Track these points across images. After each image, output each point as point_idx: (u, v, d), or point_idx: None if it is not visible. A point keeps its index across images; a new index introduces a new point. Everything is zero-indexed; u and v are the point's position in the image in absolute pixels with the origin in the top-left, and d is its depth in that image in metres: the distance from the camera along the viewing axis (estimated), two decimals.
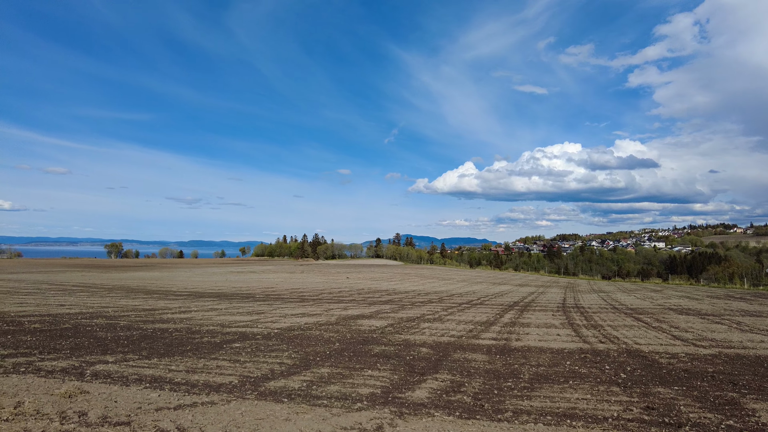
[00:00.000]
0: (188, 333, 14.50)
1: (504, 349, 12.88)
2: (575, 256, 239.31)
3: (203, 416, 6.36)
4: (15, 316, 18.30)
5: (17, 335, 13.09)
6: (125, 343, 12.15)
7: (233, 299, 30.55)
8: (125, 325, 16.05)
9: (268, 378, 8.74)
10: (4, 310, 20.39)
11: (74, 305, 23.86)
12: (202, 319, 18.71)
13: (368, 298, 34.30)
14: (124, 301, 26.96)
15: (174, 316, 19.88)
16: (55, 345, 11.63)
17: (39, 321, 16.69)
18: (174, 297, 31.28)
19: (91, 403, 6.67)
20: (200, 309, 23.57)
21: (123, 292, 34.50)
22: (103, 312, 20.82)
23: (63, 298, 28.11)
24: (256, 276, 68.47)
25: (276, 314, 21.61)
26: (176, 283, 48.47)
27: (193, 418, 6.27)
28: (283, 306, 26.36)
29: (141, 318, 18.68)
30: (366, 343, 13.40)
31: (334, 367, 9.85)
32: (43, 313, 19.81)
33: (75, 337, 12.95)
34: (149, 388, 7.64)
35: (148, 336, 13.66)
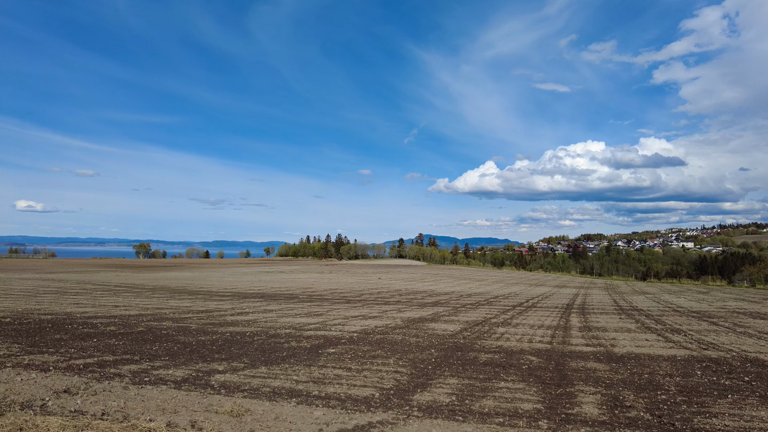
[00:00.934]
0: (268, 337, 13.92)
1: (612, 357, 11.94)
2: (601, 256, 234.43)
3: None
4: (82, 317, 18.06)
5: (101, 338, 12.68)
6: (216, 349, 11.58)
7: (279, 300, 30.12)
8: (197, 328, 15.59)
9: (407, 390, 7.99)
10: (67, 311, 20.23)
11: (129, 306, 23.67)
12: (266, 321, 18.18)
13: (413, 300, 33.52)
14: (173, 302, 26.73)
15: (235, 318, 19.42)
16: (150, 350, 11.14)
17: (109, 323, 16.36)
18: (219, 298, 31.00)
19: (271, 427, 6.04)
20: (255, 310, 23.11)
21: (167, 293, 34.43)
22: (162, 314, 20.49)
23: (113, 299, 28.04)
24: (286, 276, 68.35)
25: (335, 316, 20.99)
26: (213, 283, 48.47)
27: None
28: (334, 307, 25.77)
29: (205, 320, 18.24)
30: (461, 349, 12.61)
31: (459, 378, 9.09)
32: (105, 314, 19.56)
33: (160, 342, 12.48)
34: (303, 404, 6.92)
35: (232, 341, 13.12)
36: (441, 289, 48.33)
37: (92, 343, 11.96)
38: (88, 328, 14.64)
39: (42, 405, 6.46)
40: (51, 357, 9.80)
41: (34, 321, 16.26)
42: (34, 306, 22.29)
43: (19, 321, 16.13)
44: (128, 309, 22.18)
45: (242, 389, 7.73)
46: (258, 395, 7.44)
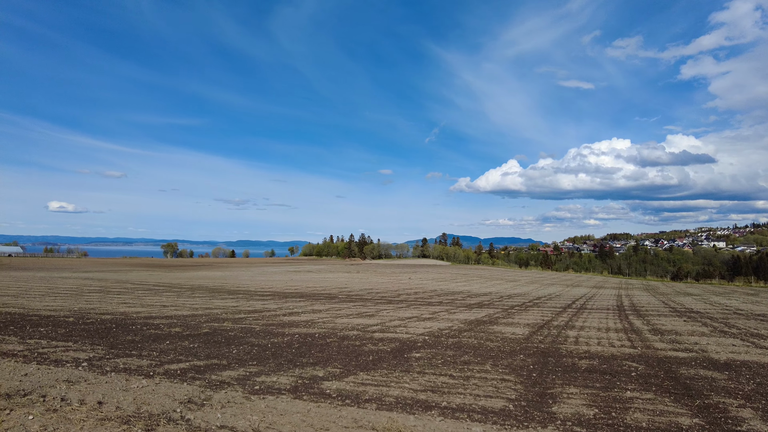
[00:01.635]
0: (339, 339, 13.39)
1: (716, 364, 11.01)
2: (629, 256, 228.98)
3: None
4: (139, 317, 17.88)
5: (174, 341, 12.34)
6: (297, 352, 11.03)
7: (320, 300, 29.71)
8: (261, 330, 15.17)
9: (538, 401, 7.15)
10: (120, 311, 20.13)
11: (177, 306, 23.53)
12: (324, 322, 17.68)
13: (455, 301, 32.76)
14: (218, 302, 26.55)
15: (290, 318, 18.99)
16: (231, 354, 10.67)
17: (171, 324, 16.09)
18: (260, 297, 30.76)
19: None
20: (304, 310, 22.69)
21: (206, 292, 34.42)
22: (215, 314, 20.21)
23: (157, 298, 28.05)
24: (316, 276, 68.26)
25: (390, 317, 20.39)
26: (246, 282, 48.50)
27: None
28: (381, 308, 25.19)
29: (262, 321, 17.85)
30: (551, 355, 11.82)
31: (578, 387, 8.31)
32: (159, 314, 19.37)
33: (234, 344, 12.03)
34: (449, 418, 6.17)
35: (307, 343, 12.60)
36: (477, 290, 47.38)
37: (168, 345, 11.59)
38: (153, 330, 14.35)
39: (183, 417, 5.99)
40: (142, 361, 9.40)
41: (96, 321, 16.10)
42: (87, 305, 22.32)
43: (82, 321, 15.98)
44: (178, 309, 22.01)
45: (366, 399, 7.12)
46: (391, 407, 6.82)
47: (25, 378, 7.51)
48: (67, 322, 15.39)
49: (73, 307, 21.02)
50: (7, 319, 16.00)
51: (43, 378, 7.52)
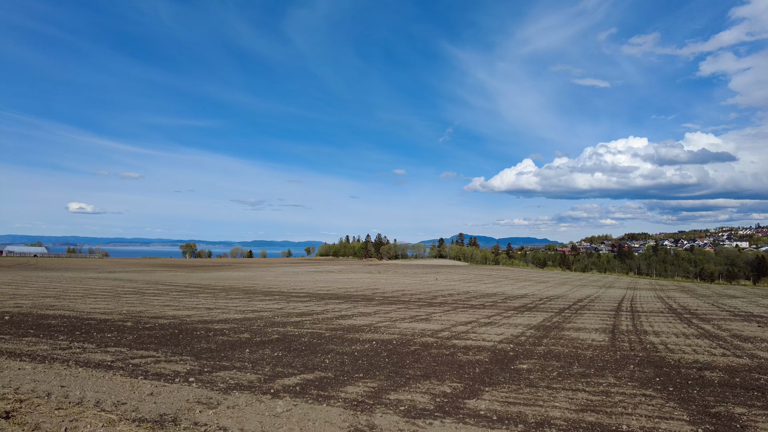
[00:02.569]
0: (422, 347, 12.50)
1: None
2: (648, 256, 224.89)
3: None
4: (196, 322, 17.21)
5: (255, 349, 11.57)
6: (395, 364, 10.09)
7: (359, 301, 28.89)
8: (330, 335, 14.35)
9: (724, 426, 6.35)
10: (170, 314, 19.50)
11: (223, 309, 22.88)
12: (386, 327, 16.81)
13: (497, 304, 31.74)
14: (260, 304, 25.86)
15: (345, 322, 18.16)
16: (326, 364, 9.83)
17: (234, 329, 15.36)
18: (297, 299, 30.02)
19: None
20: (352, 314, 21.86)
21: (241, 293, 33.81)
22: (266, 317, 19.47)
23: (195, 300, 27.46)
24: (339, 276, 67.57)
25: (450, 322, 19.46)
26: (274, 283, 47.90)
27: None
28: (432, 311, 24.28)
29: (320, 325, 17.04)
30: (660, 365, 10.81)
31: (742, 407, 7.36)
32: (213, 318, 18.69)
33: (320, 353, 11.22)
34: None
35: (395, 352, 11.74)
36: (511, 292, 46.23)
37: (253, 354, 10.80)
38: (221, 336, 13.61)
39: None
40: (247, 375, 8.56)
41: (155, 326, 15.42)
42: (132, 308, 21.76)
43: (141, 325, 15.32)
44: (225, 312, 21.33)
45: (536, 422, 6.20)
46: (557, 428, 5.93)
47: (152, 399, 6.68)
48: (128, 327, 14.73)
49: (121, 310, 20.46)
50: (67, 323, 15.42)
51: (172, 400, 6.64)
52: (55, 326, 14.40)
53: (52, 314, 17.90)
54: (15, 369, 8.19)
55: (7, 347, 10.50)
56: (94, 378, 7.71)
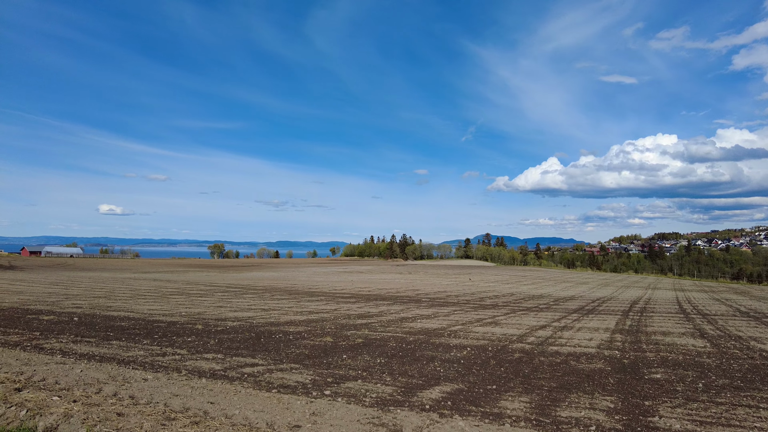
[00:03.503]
0: (527, 356, 11.51)
1: None
2: (680, 256, 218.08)
3: None
4: (264, 324, 16.59)
5: (352, 355, 10.80)
6: (518, 373, 9.29)
7: (409, 304, 28.00)
8: (417, 341, 13.49)
9: None
10: (232, 315, 18.96)
11: (278, 310, 22.29)
12: (462, 332, 15.85)
13: (552, 306, 30.45)
14: (310, 305, 25.22)
15: (416, 325, 17.26)
16: (439, 372, 9.03)
17: (310, 333, 14.65)
18: (345, 300, 29.30)
19: None
20: (412, 316, 20.97)
21: (285, 294, 33.32)
22: (329, 319, 18.75)
23: (244, 302, 27.00)
24: (372, 277, 66.85)
25: (525, 326, 18.38)
26: (312, 283, 47.39)
27: None
28: (495, 314, 23.24)
29: (394, 328, 16.21)
30: None
31: None
32: (278, 320, 18.07)
33: (425, 360, 10.40)
34: None
35: (501, 360, 10.84)
36: (557, 293, 44.73)
37: (356, 361, 10.03)
38: (302, 339, 12.89)
39: None
40: (382, 387, 7.76)
41: (227, 329, 14.82)
42: (188, 309, 21.34)
43: (213, 329, 14.74)
44: (283, 313, 20.71)
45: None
46: None
47: (326, 421, 5.88)
48: (200, 330, 14.16)
49: (179, 312, 20.04)
50: (138, 325, 14.95)
51: (347, 422, 5.85)
52: (128, 328, 13.91)
53: (116, 315, 17.53)
54: (139, 380, 7.57)
55: (105, 352, 9.95)
56: (232, 393, 7.03)
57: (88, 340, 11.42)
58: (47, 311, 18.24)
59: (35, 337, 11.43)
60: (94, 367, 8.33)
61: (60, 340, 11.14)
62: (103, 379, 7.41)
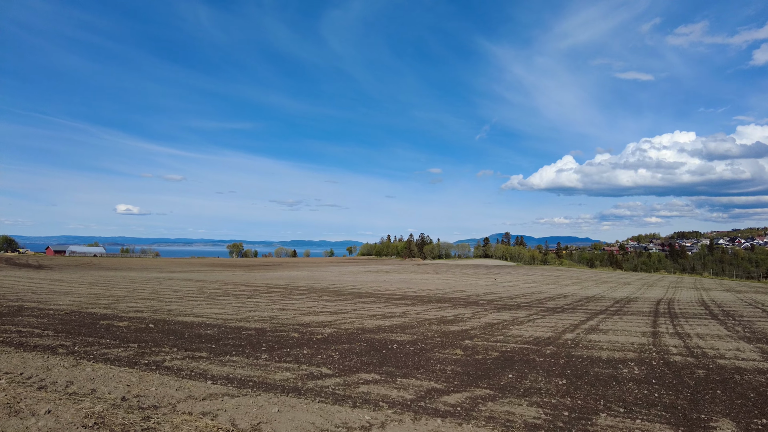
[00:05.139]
0: (687, 370, 9.87)
1: None
2: (703, 255, 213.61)
3: None
4: (353, 331, 15.08)
5: (518, 374, 9.24)
6: (680, 392, 7.71)
7: (468, 306, 26.37)
8: (554, 353, 11.87)
9: None
10: (302, 320, 17.48)
11: (344, 313, 20.81)
12: (573, 340, 14.23)
13: (624, 309, 28.62)
14: (375, 308, 23.70)
15: (515, 332, 15.67)
16: (616, 395, 7.49)
17: (416, 341, 13.11)
18: (400, 302, 27.76)
19: None
20: (500, 322, 19.38)
21: (332, 294, 31.87)
22: (409, 324, 17.20)
23: (297, 303, 25.55)
24: (402, 276, 65.27)
25: (624, 331, 16.70)
26: (349, 283, 45.92)
27: None
28: (575, 317, 21.55)
29: (507, 338, 14.61)
30: None
31: None
32: (361, 327, 16.55)
33: (605, 384, 8.82)
34: None
35: (659, 376, 9.22)
36: (607, 294, 42.79)
37: (526, 381, 8.45)
38: (427, 352, 11.33)
39: None
40: (533, 412, 6.22)
41: (322, 336, 13.31)
42: (252, 312, 19.93)
43: (309, 336, 13.24)
44: (356, 317, 19.20)
45: None
46: None
47: None
48: (300, 340, 12.65)
49: (246, 315, 18.61)
50: (222, 332, 13.51)
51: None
52: (221, 338, 12.45)
53: (189, 321, 16.14)
54: (361, 424, 6.01)
55: (244, 374, 8.20)
56: None
57: (199, 355, 9.92)
58: (113, 316, 16.92)
59: (142, 352, 9.97)
60: (268, 399, 6.54)
61: (171, 355, 9.61)
62: (321, 424, 5.76)
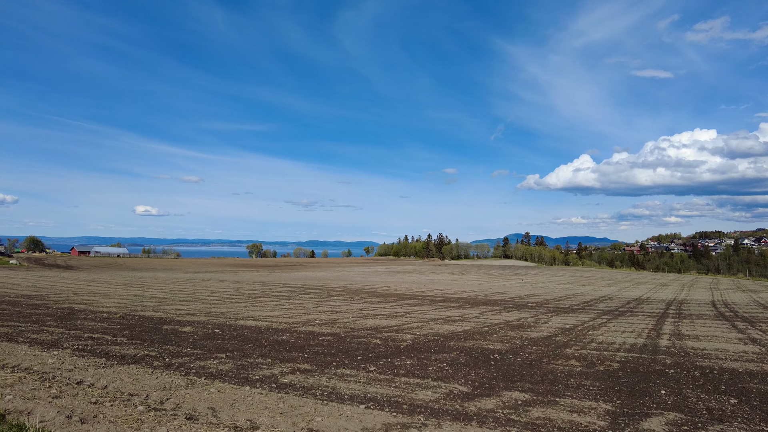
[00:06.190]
0: None
1: None
2: (728, 255, 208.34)
3: None
4: (438, 337, 14.03)
5: (671, 387, 8.13)
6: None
7: (527, 309, 25.18)
8: (675, 363, 10.67)
9: None
10: (370, 324, 16.46)
11: (403, 316, 19.78)
12: (668, 345, 13.00)
13: (693, 314, 27.15)
14: (429, 311, 22.65)
15: (603, 338, 14.47)
16: None
17: (513, 350, 12.01)
18: (449, 305, 26.64)
19: None
20: (583, 326, 18.16)
21: (372, 296, 30.88)
22: (479, 330, 16.10)
23: (346, 306, 24.59)
24: (428, 277, 64.11)
25: (717, 338, 15.38)
26: (381, 284, 44.93)
27: None
28: (647, 323, 20.26)
29: (601, 347, 13.44)
30: None
31: None
32: (444, 332, 15.50)
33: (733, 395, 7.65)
34: None
35: None
36: (652, 296, 41.15)
37: (681, 398, 7.30)
38: (549, 364, 10.21)
39: None
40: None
41: (405, 344, 12.26)
42: (309, 315, 18.99)
43: (391, 342, 12.20)
44: (422, 323, 18.14)
45: None
46: None
47: None
48: (382, 347, 11.63)
49: (304, 319, 17.67)
50: (296, 338, 12.54)
51: None
52: (300, 346, 11.48)
53: (251, 326, 15.23)
54: None
55: (379, 393, 7.19)
56: None
57: (303, 367, 8.89)
58: (170, 320, 16.11)
59: (240, 365, 9.01)
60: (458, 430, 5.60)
61: (276, 369, 8.48)
62: None
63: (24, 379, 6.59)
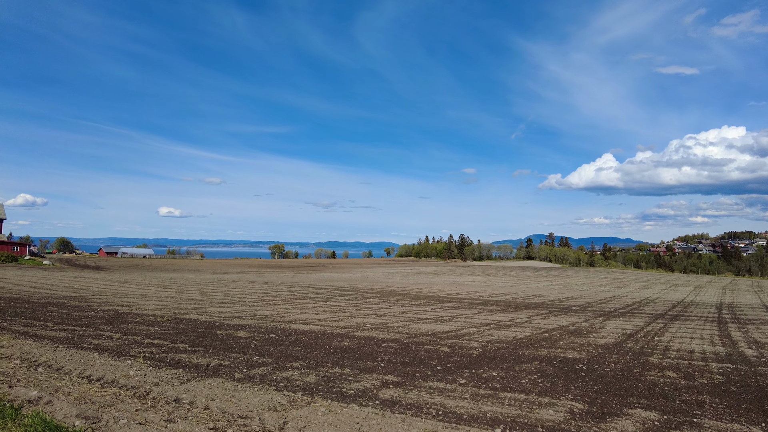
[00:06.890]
0: None
1: None
2: (761, 257, 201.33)
3: None
4: (523, 346, 13.29)
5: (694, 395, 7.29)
6: None
7: (556, 312, 24.19)
8: None
9: None
10: (434, 330, 15.78)
11: (459, 321, 19.05)
12: None
13: (702, 315, 25.80)
14: (470, 313, 21.86)
15: (677, 346, 13.51)
16: None
17: (630, 365, 11.21)
18: (494, 309, 25.81)
19: None
20: (630, 332, 17.18)
21: (410, 299, 30.15)
22: (547, 338, 15.26)
23: (394, 309, 23.93)
24: (455, 278, 63.08)
25: None
26: (412, 286, 44.17)
27: None
28: (672, 324, 19.13)
29: (665, 353, 12.51)
30: None
31: None
32: (516, 339, 14.75)
33: None
34: None
35: None
36: (705, 300, 39.53)
37: None
38: (592, 368, 9.39)
39: None
40: None
41: (483, 352, 11.56)
42: (362, 319, 18.40)
43: (461, 349, 11.50)
44: (494, 328, 17.38)
45: None
46: None
47: None
48: (455, 356, 10.94)
49: (351, 323, 17.08)
50: (359, 344, 11.93)
51: None
52: (369, 353, 10.84)
53: (307, 330, 14.69)
54: None
55: (493, 411, 6.48)
56: None
57: (391, 380, 8.29)
58: (219, 324, 15.69)
59: (325, 376, 8.38)
60: None
61: (367, 382, 7.74)
62: None
63: (120, 396, 6.08)
